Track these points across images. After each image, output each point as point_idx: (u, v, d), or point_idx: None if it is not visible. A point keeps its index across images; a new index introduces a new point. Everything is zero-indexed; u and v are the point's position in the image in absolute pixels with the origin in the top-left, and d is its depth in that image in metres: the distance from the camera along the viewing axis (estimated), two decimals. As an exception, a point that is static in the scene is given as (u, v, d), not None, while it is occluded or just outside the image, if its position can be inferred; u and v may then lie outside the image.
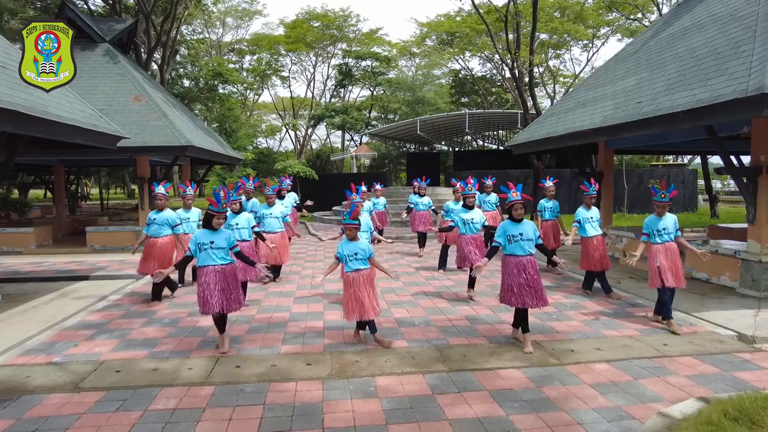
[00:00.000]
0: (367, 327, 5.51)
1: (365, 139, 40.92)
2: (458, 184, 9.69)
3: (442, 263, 9.69)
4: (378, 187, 12.07)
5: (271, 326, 6.15)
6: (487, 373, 4.65)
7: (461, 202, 9.58)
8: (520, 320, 5.41)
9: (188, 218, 7.89)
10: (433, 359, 4.98)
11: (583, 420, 3.77)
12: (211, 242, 5.17)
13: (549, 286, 8.25)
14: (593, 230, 7.48)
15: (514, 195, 5.40)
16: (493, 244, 5.47)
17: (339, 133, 45.44)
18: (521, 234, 5.28)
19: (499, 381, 4.48)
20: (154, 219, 7.24)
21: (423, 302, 7.29)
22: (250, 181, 9.23)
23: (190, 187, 8.22)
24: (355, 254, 5.33)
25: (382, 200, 12.07)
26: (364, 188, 7.93)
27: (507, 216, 5.49)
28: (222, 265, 5.21)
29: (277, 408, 4.00)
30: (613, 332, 5.82)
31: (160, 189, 7.29)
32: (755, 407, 3.30)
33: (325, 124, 39.72)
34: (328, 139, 51.09)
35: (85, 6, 23.10)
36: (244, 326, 6.14)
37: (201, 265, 5.20)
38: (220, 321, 5.32)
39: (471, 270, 7.39)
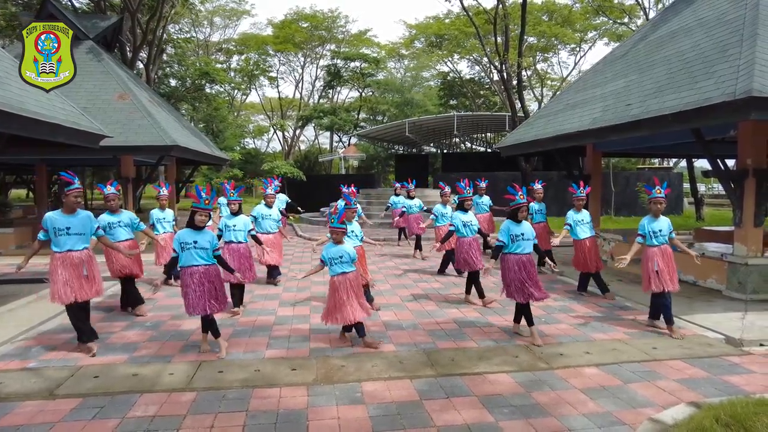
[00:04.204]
0: (354, 330, 5.43)
1: (354, 140, 40.82)
2: (446, 188, 9.71)
3: (444, 268, 9.43)
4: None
5: (256, 330, 6.02)
6: (476, 378, 4.57)
7: (448, 205, 9.59)
8: (522, 315, 5.71)
9: (164, 218, 8.12)
10: (421, 364, 4.90)
11: (573, 426, 3.70)
12: (195, 242, 5.05)
13: (537, 288, 8.22)
14: (584, 233, 7.56)
15: (521, 198, 5.69)
16: (497, 243, 5.71)
17: (327, 134, 45.27)
18: (523, 234, 5.60)
19: (488, 386, 4.41)
20: (112, 222, 6.54)
21: (411, 305, 7.20)
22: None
23: (164, 188, 8.38)
24: (340, 257, 5.28)
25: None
26: (353, 189, 7.82)
27: (508, 217, 5.78)
28: (205, 265, 5.10)
29: (260, 415, 3.88)
30: (602, 335, 5.79)
31: (109, 189, 6.57)
32: (747, 412, 3.25)
33: (313, 125, 39.58)
34: (316, 140, 50.91)
35: (69, 3, 22.68)
36: (228, 330, 5.99)
37: (184, 265, 5.07)
38: (207, 323, 5.19)
39: (469, 274, 7.34)
